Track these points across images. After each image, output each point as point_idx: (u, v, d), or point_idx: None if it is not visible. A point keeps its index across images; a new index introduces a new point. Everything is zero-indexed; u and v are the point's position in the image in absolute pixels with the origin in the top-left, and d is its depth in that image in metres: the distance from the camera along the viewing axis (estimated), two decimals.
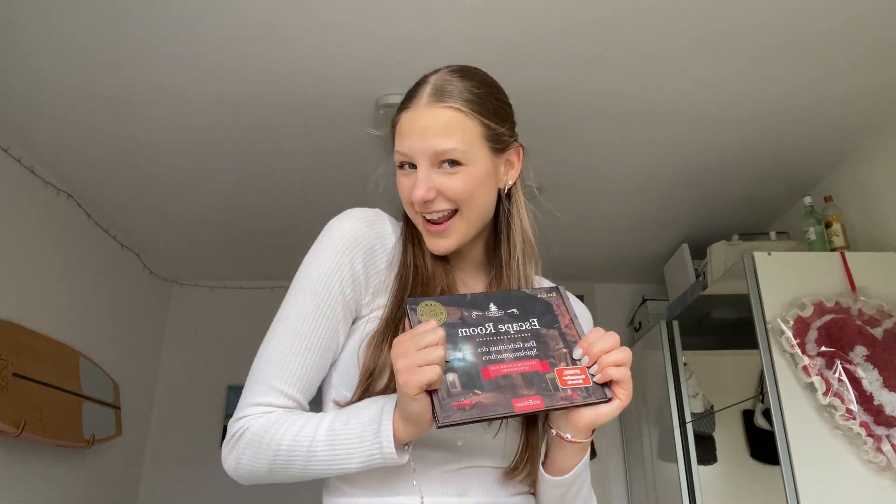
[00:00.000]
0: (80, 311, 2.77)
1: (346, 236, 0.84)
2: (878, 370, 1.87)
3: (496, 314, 0.76)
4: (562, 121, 2.22)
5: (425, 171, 0.82)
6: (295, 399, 0.80)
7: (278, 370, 0.80)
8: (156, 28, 1.78)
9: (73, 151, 2.40)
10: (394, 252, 0.87)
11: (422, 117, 0.83)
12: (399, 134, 0.85)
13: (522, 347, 0.73)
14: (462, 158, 0.82)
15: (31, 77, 1.98)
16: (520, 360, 0.72)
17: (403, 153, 0.83)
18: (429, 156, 0.82)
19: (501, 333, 0.74)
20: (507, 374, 0.70)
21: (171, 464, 3.33)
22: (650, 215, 2.95)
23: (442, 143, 0.81)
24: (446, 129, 0.82)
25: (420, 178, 0.82)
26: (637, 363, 3.23)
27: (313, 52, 1.89)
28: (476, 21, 1.77)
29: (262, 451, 0.77)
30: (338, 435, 0.74)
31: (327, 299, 0.81)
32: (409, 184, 0.84)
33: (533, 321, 0.76)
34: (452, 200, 0.83)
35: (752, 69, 1.96)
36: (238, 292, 3.66)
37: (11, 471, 2.31)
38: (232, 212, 2.88)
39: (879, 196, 2.28)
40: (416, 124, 0.83)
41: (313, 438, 0.75)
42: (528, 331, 0.75)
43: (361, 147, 2.37)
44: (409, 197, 0.83)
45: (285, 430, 0.76)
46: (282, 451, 0.75)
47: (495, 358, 0.71)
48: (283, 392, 0.79)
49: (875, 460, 1.81)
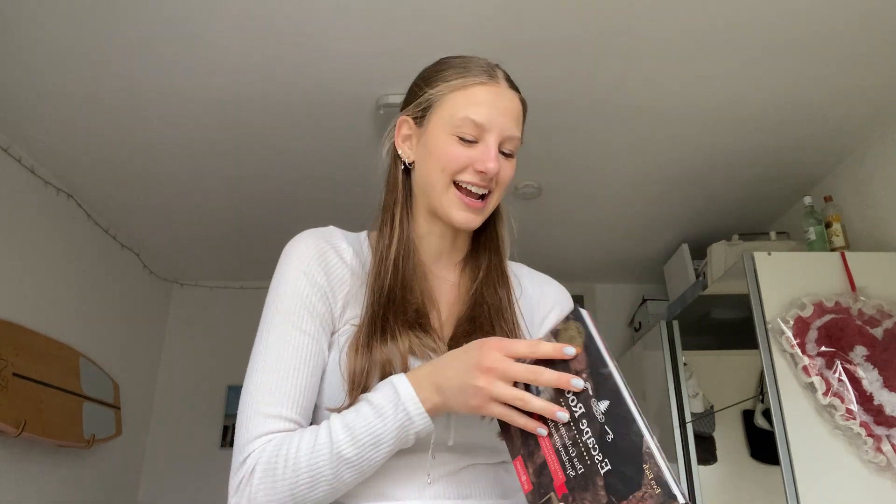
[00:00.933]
0: (80, 311, 2.77)
1: (303, 254, 0.83)
2: (878, 370, 1.87)
3: (600, 411, 0.62)
4: (562, 121, 2.22)
5: (496, 148, 0.83)
6: (294, 420, 0.75)
7: (269, 397, 0.74)
8: (155, 28, 1.78)
9: (73, 151, 2.40)
10: (354, 262, 0.85)
11: (504, 97, 0.84)
12: (473, 103, 0.83)
13: (570, 450, 0.64)
14: (515, 151, 0.86)
15: (31, 77, 1.98)
16: (554, 453, 0.65)
17: (479, 123, 0.82)
18: (502, 136, 0.83)
19: (574, 425, 0.64)
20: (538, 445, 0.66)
21: (171, 464, 3.33)
22: (650, 215, 2.95)
23: (515, 129, 0.84)
24: (517, 117, 0.86)
25: (493, 151, 0.82)
26: (637, 363, 3.23)
27: (313, 51, 1.89)
28: (476, 21, 1.77)
29: (278, 478, 0.70)
30: (355, 425, 0.70)
31: (301, 315, 0.79)
32: (466, 154, 0.82)
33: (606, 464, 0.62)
34: (497, 185, 0.85)
35: (752, 69, 1.96)
36: (238, 292, 3.66)
37: (11, 471, 2.31)
38: (232, 212, 2.89)
39: (879, 196, 2.28)
40: (498, 101, 0.83)
41: (331, 441, 0.70)
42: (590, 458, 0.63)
43: (362, 147, 2.37)
44: (466, 162, 0.82)
45: (298, 448, 0.70)
46: (301, 469, 0.69)
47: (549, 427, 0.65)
48: (279, 416, 0.74)
49: (875, 460, 1.81)
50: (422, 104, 0.87)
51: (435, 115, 0.85)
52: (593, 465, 0.62)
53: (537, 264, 1.02)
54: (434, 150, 0.84)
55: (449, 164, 0.82)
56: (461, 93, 0.84)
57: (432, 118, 0.85)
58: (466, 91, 0.83)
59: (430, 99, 0.86)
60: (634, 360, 3.27)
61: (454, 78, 0.85)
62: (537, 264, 1.02)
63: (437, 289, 0.88)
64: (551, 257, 3.36)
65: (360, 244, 0.89)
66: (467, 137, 0.82)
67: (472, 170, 0.82)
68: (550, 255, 3.34)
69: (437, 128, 0.84)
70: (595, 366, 0.63)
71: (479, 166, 0.81)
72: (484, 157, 0.81)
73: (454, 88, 0.84)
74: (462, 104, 0.83)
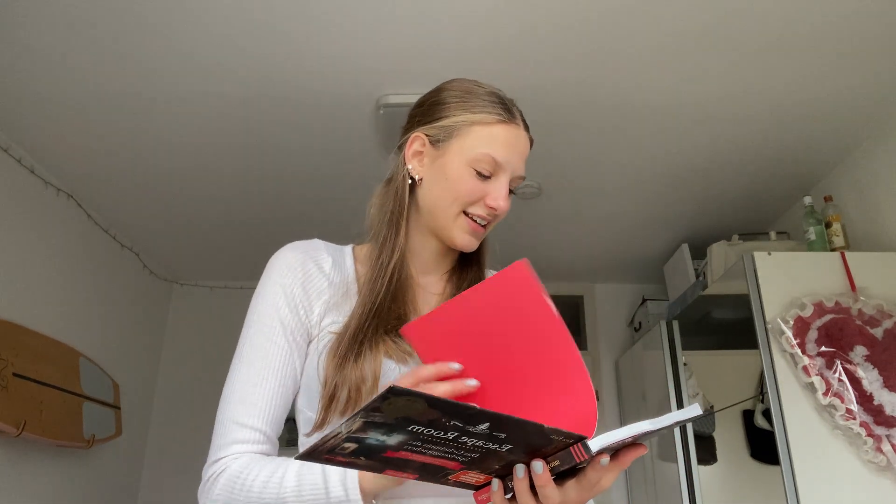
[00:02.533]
0: (80, 311, 2.77)
1: (280, 266, 0.88)
2: (878, 370, 1.87)
3: (480, 431, 0.58)
4: (561, 120, 2.22)
5: (506, 187, 0.89)
6: (262, 431, 0.80)
7: (240, 406, 0.80)
8: (156, 28, 1.78)
9: (73, 151, 2.40)
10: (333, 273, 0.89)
11: (522, 139, 0.90)
12: (494, 140, 0.87)
13: (455, 453, 0.60)
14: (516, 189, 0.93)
15: (31, 78, 1.98)
16: (435, 458, 0.61)
17: (499, 162, 0.87)
18: (515, 175, 0.90)
19: (452, 441, 0.58)
20: (408, 459, 0.61)
21: (171, 464, 3.33)
22: (650, 215, 2.95)
23: (524, 170, 0.91)
24: (526, 158, 0.92)
25: (504, 190, 0.88)
26: (637, 363, 3.23)
27: (313, 52, 1.89)
28: (476, 21, 1.77)
29: (234, 497, 0.75)
30: (304, 481, 0.73)
31: (273, 328, 0.84)
32: (481, 187, 0.87)
33: (507, 446, 0.60)
34: (498, 219, 0.91)
35: (751, 69, 1.96)
36: (238, 292, 3.66)
37: (11, 471, 2.31)
38: (232, 212, 2.89)
39: (879, 196, 2.28)
40: (518, 143, 0.89)
41: (281, 485, 0.73)
42: (485, 448, 0.60)
43: (362, 147, 2.37)
44: (480, 197, 0.87)
45: (255, 477, 0.75)
46: (252, 498, 0.74)
47: (415, 449, 0.59)
48: (248, 426, 0.79)
49: (875, 460, 1.81)
50: (442, 128, 0.89)
51: (455, 144, 0.88)
52: (481, 450, 0.60)
53: (538, 264, 1.02)
54: (451, 177, 0.88)
55: (463, 196, 0.87)
56: (485, 129, 0.88)
57: (452, 145, 0.88)
58: (489, 128, 0.88)
59: (451, 126, 0.89)
60: (634, 360, 3.27)
61: (478, 111, 0.88)
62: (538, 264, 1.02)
63: (421, 298, 0.92)
64: (551, 257, 3.36)
65: (343, 256, 0.93)
66: (484, 173, 0.87)
67: (482, 204, 0.88)
68: (550, 254, 3.34)
69: (455, 156, 0.88)
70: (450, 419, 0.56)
71: (490, 202, 0.87)
72: (496, 195, 0.87)
73: (477, 122, 0.88)
74: (485, 140, 0.87)
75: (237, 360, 0.84)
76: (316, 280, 0.87)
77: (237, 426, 0.79)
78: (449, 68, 1.85)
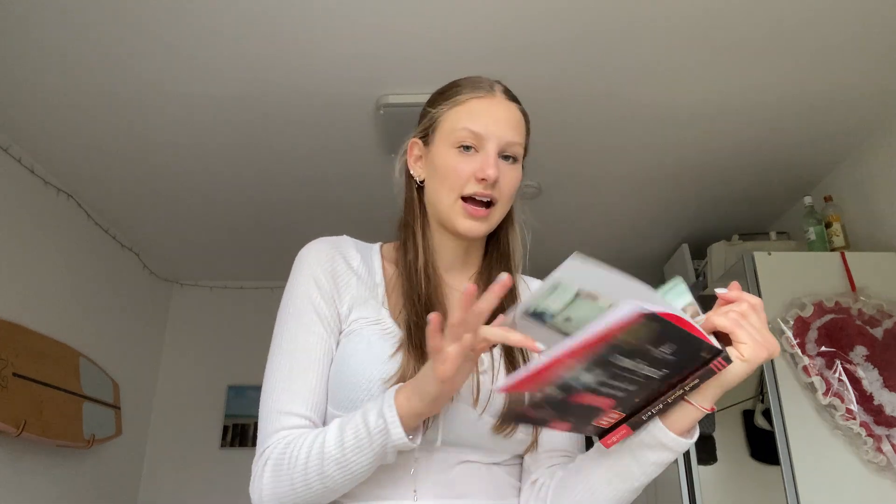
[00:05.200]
0: (80, 311, 2.77)
1: (310, 259, 0.89)
2: (878, 370, 1.87)
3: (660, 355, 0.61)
4: (562, 120, 2.22)
5: (495, 155, 0.86)
6: (307, 417, 0.80)
7: (283, 395, 0.80)
8: (156, 29, 1.78)
9: (73, 151, 2.40)
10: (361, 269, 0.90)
11: (499, 106, 0.89)
12: (469, 114, 0.88)
13: (622, 387, 0.64)
14: (518, 157, 0.90)
15: (31, 78, 1.98)
16: (605, 397, 0.64)
17: (476, 132, 0.86)
18: (501, 143, 0.87)
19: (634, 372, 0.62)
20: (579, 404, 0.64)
21: (171, 464, 3.33)
22: (650, 215, 2.95)
23: (513, 135, 0.88)
24: (517, 125, 0.90)
25: (492, 158, 0.86)
26: None
27: (313, 52, 1.88)
28: (476, 21, 1.77)
29: (282, 474, 0.75)
30: (345, 429, 0.73)
31: (311, 317, 0.84)
32: (467, 164, 0.86)
33: (666, 371, 0.64)
34: (501, 192, 0.87)
35: (751, 69, 1.96)
36: (238, 292, 3.66)
37: (11, 471, 2.31)
38: (232, 212, 2.88)
39: (879, 196, 2.28)
40: (493, 110, 0.88)
41: (324, 441, 0.74)
42: (650, 376, 0.64)
43: (361, 148, 2.37)
44: (469, 175, 0.86)
45: (300, 447, 0.75)
46: (299, 467, 0.74)
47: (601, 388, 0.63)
48: (294, 413, 0.79)
49: (875, 460, 1.81)
50: (426, 124, 0.93)
51: (438, 133, 0.91)
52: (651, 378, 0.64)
53: (537, 264, 1.02)
54: (439, 165, 0.89)
55: (451, 177, 0.87)
56: (460, 107, 0.89)
57: (436, 136, 0.91)
58: (465, 105, 0.89)
59: (432, 118, 0.92)
60: None
61: (454, 95, 0.91)
62: (537, 264, 1.02)
63: (449, 298, 0.91)
64: (551, 257, 3.34)
65: (371, 254, 0.94)
66: (466, 144, 0.87)
67: (474, 180, 0.86)
68: (550, 255, 3.31)
69: (440, 144, 0.90)
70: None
71: (479, 174, 0.85)
72: (483, 165, 0.85)
73: (453, 105, 0.90)
74: (461, 118, 0.88)
75: (276, 352, 0.84)
76: (344, 274, 0.88)
77: (282, 415, 0.79)
78: (449, 68, 1.85)
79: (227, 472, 3.29)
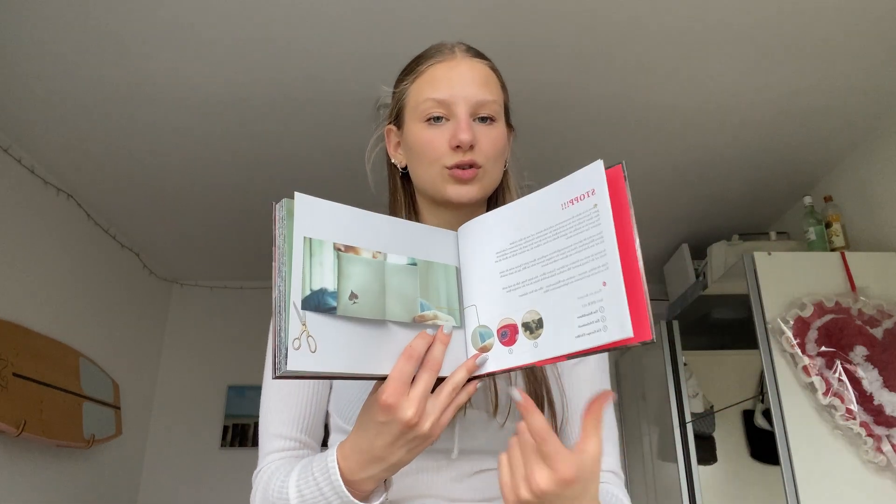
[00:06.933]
0: (80, 311, 2.77)
1: None
2: (878, 370, 1.87)
3: None
4: (561, 120, 2.22)
5: (467, 118, 0.79)
6: (299, 440, 0.79)
7: (275, 416, 0.79)
8: (156, 29, 1.78)
9: (73, 151, 2.40)
10: None
11: (462, 67, 0.82)
12: (431, 83, 0.81)
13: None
14: (496, 115, 0.82)
15: (31, 78, 1.98)
16: None
17: (441, 100, 0.79)
18: (471, 104, 0.80)
19: None
20: None
21: (171, 464, 3.33)
22: (650, 215, 2.95)
23: (484, 93, 0.81)
24: (486, 82, 0.82)
25: (464, 122, 0.78)
26: (637, 363, 3.23)
27: (313, 52, 1.89)
28: (476, 22, 1.77)
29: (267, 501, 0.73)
30: (302, 481, 0.69)
31: None
32: (440, 135, 0.79)
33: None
34: (483, 154, 0.79)
35: (752, 69, 1.96)
36: (238, 292, 3.66)
37: (11, 471, 2.31)
38: (232, 212, 2.89)
39: (879, 196, 2.28)
40: (455, 72, 0.81)
41: (285, 487, 0.70)
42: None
43: (362, 148, 2.37)
44: (444, 146, 0.79)
45: (276, 483, 0.72)
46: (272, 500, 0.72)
47: None
48: (285, 436, 0.79)
49: (875, 460, 1.81)
50: (393, 106, 0.88)
51: (407, 111, 0.85)
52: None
53: None
54: (413, 144, 0.82)
55: (428, 153, 0.80)
56: (422, 78, 0.83)
57: (406, 115, 0.85)
58: (425, 75, 0.83)
59: (398, 98, 0.87)
60: (634, 359, 3.27)
61: (414, 68, 0.85)
62: None
63: None
64: None
65: None
66: (435, 115, 0.80)
67: (450, 151, 0.79)
68: None
69: (410, 122, 0.84)
70: None
71: (452, 142, 0.78)
72: (455, 131, 0.78)
73: (415, 77, 0.84)
74: (424, 89, 0.82)
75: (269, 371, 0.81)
76: None
77: (273, 438, 0.79)
78: None
79: (227, 472, 3.29)
